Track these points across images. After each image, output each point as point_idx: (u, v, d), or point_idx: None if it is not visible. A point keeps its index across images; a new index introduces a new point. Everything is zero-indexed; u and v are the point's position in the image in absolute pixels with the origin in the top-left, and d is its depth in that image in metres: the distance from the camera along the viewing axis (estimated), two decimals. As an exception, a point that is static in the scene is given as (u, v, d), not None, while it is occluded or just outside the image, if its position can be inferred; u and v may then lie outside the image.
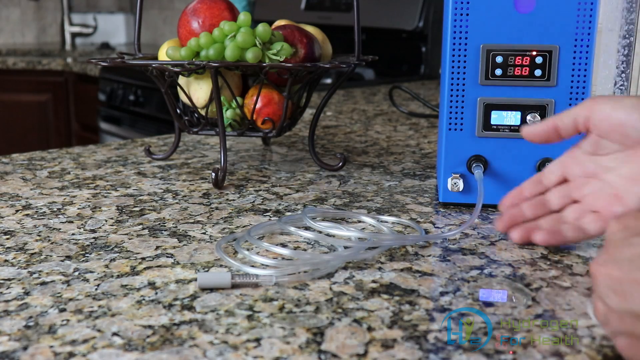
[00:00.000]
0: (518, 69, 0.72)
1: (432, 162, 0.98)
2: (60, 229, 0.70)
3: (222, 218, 0.73)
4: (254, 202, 0.79)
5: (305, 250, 0.65)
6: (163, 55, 0.91)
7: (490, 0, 0.71)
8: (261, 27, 0.83)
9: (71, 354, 0.45)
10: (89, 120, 2.69)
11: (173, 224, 0.72)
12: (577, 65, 0.71)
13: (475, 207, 0.68)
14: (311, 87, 0.95)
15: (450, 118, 0.74)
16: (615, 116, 0.55)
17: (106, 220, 0.73)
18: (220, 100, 0.86)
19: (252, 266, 0.59)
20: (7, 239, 0.67)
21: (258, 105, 0.89)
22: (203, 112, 0.91)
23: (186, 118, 0.93)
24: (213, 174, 0.83)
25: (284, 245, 0.65)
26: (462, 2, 0.72)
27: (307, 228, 0.69)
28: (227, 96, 0.90)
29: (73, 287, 0.56)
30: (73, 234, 0.68)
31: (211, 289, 0.55)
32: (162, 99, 2.13)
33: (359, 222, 0.72)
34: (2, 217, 0.73)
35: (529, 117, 0.73)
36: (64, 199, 0.80)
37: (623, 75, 0.79)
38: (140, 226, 0.71)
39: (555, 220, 0.63)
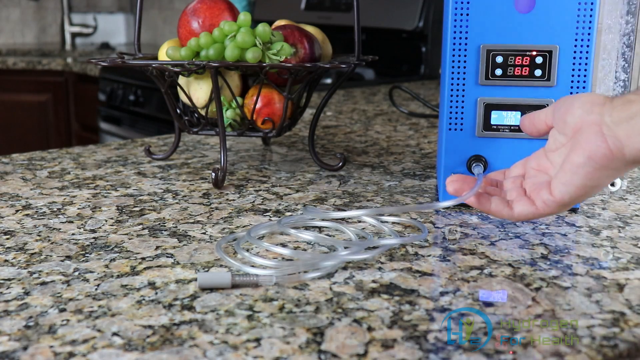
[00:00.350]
0: (518, 69, 0.72)
1: (432, 162, 0.98)
2: (60, 229, 0.70)
3: (222, 218, 0.73)
4: (254, 202, 0.79)
5: (305, 250, 0.65)
6: (163, 55, 0.91)
7: (490, 0, 0.71)
8: (261, 27, 0.83)
9: (71, 354, 0.45)
10: (89, 120, 2.68)
11: (173, 224, 0.72)
12: (577, 65, 0.71)
13: (475, 183, 0.64)
14: (311, 87, 0.95)
15: (450, 118, 0.74)
16: (565, 105, 0.55)
17: (106, 220, 0.73)
18: (220, 100, 0.86)
19: (252, 266, 0.59)
20: (7, 239, 0.67)
21: (258, 105, 0.89)
22: (203, 112, 0.91)
23: (186, 118, 0.93)
24: (213, 174, 0.83)
25: (284, 245, 0.65)
26: (462, 2, 0.72)
27: (307, 228, 0.69)
28: (227, 96, 0.90)
29: (73, 287, 0.56)
30: (73, 234, 0.68)
31: (211, 289, 0.55)
32: (162, 99, 2.13)
33: (359, 222, 0.72)
34: (2, 217, 0.73)
35: (529, 117, 0.73)
36: (64, 199, 0.80)
37: (623, 75, 0.79)
38: (140, 226, 0.71)
39: (494, 191, 0.62)
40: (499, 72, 0.72)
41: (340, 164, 0.92)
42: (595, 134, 0.51)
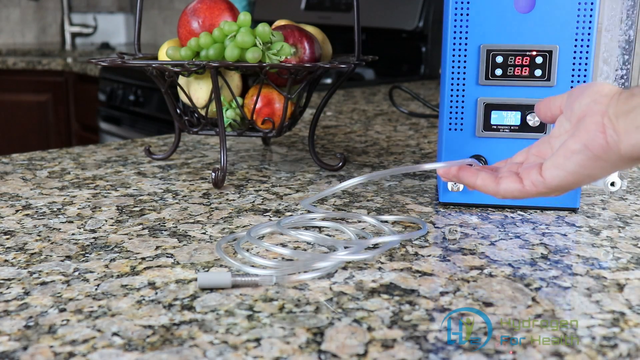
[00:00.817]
0: (518, 69, 0.72)
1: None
2: (60, 229, 0.70)
3: (222, 218, 0.73)
4: (254, 202, 0.79)
5: (305, 250, 0.65)
6: (163, 55, 0.91)
7: (490, 0, 0.71)
8: (261, 27, 0.83)
9: (71, 354, 0.45)
10: (89, 120, 2.68)
11: (173, 224, 0.72)
12: (577, 65, 0.71)
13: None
14: (311, 87, 0.95)
15: (450, 118, 0.74)
16: (576, 92, 0.54)
17: (106, 220, 0.73)
18: (220, 100, 0.86)
19: (252, 266, 0.59)
20: (7, 239, 0.67)
21: (258, 105, 0.89)
22: (203, 112, 0.91)
23: (186, 118, 0.93)
24: (213, 174, 0.83)
25: (284, 246, 0.65)
26: (462, 2, 0.72)
27: (306, 228, 0.69)
28: (227, 96, 0.90)
29: (73, 287, 0.56)
30: (73, 234, 0.68)
31: (211, 289, 0.55)
32: (162, 99, 2.13)
33: (359, 222, 0.72)
34: (2, 217, 0.73)
35: (528, 117, 0.73)
36: (64, 199, 0.80)
37: (623, 75, 0.79)
38: (140, 226, 0.71)
39: (485, 168, 0.61)
40: (499, 72, 0.72)
41: (340, 164, 0.92)
42: (596, 124, 0.51)
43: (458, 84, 0.73)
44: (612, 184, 0.79)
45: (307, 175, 0.91)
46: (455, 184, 0.75)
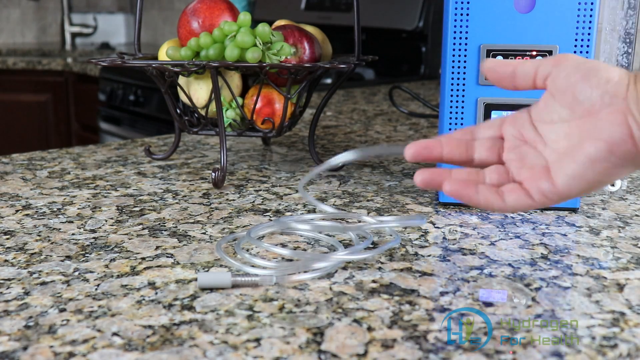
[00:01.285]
0: (518, 69, 0.72)
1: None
2: (60, 229, 0.70)
3: (222, 218, 0.73)
4: (254, 202, 0.79)
5: (305, 250, 0.65)
6: (163, 55, 0.91)
7: (490, 0, 0.71)
8: (261, 27, 0.83)
9: (71, 354, 0.45)
10: (89, 120, 2.68)
11: (173, 224, 0.72)
12: (577, 65, 0.71)
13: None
14: (311, 87, 0.95)
15: (450, 118, 0.74)
16: (576, 74, 0.46)
17: (106, 220, 0.73)
18: (220, 100, 0.86)
19: (252, 266, 0.59)
20: (7, 239, 0.67)
21: (258, 105, 0.89)
22: (203, 112, 0.91)
23: (186, 118, 0.93)
24: (213, 174, 0.83)
25: (284, 246, 0.65)
26: (462, 2, 0.72)
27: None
28: (227, 96, 0.90)
29: (73, 287, 0.56)
30: (73, 234, 0.68)
31: (211, 289, 0.55)
32: (162, 99, 2.13)
33: (359, 222, 0.72)
34: (2, 217, 0.73)
35: (529, 117, 0.73)
36: (64, 199, 0.80)
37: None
38: (140, 226, 0.71)
39: (474, 174, 0.51)
40: (499, 72, 0.72)
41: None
42: (619, 126, 0.43)
43: (458, 84, 0.73)
44: (612, 184, 0.79)
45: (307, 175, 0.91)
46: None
